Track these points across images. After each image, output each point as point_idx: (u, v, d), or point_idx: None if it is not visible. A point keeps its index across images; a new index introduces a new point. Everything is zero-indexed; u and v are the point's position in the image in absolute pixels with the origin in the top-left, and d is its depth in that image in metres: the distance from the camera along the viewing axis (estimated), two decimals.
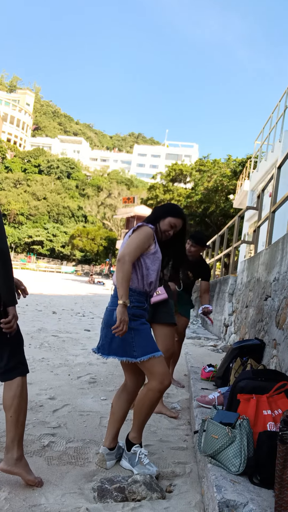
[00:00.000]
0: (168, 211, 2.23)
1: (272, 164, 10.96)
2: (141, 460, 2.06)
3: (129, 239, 2.09)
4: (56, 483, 1.88)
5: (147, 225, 2.14)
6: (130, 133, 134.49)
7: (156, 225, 2.21)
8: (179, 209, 2.28)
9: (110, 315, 2.07)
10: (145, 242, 2.08)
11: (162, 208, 2.28)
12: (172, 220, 2.22)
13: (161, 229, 2.21)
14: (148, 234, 2.10)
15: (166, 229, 2.22)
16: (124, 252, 2.02)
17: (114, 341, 2.04)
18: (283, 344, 2.84)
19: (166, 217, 2.22)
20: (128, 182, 66.01)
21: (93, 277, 31.73)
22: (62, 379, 3.65)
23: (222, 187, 24.19)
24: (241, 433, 1.81)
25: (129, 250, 2.03)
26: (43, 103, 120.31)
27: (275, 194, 4.70)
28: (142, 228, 2.11)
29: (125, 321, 1.95)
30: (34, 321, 7.12)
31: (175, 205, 2.32)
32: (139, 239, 2.07)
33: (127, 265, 2.00)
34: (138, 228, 2.13)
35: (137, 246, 2.05)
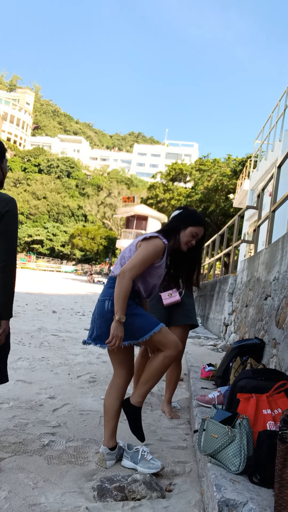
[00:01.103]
0: (188, 221, 2.15)
1: (272, 163, 10.95)
2: (145, 456, 2.07)
3: (137, 252, 2.02)
4: (56, 482, 1.88)
5: (160, 238, 2.04)
6: (130, 132, 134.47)
7: (175, 236, 2.13)
8: (199, 216, 2.20)
9: (102, 306, 2.09)
10: (152, 258, 2.01)
11: (182, 217, 2.19)
12: (193, 229, 2.15)
13: (182, 240, 2.14)
14: (158, 249, 2.02)
15: (188, 240, 2.15)
16: (126, 267, 1.97)
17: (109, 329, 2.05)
18: (283, 344, 2.84)
19: (187, 227, 2.14)
20: (128, 181, 66.01)
21: (92, 276, 31.75)
22: (62, 378, 3.65)
23: (222, 187, 24.19)
24: (241, 433, 1.82)
25: (132, 266, 1.97)
26: (43, 102, 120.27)
27: (275, 193, 4.70)
28: (153, 241, 2.03)
29: (118, 336, 1.94)
30: (34, 320, 7.13)
31: (194, 212, 2.23)
32: (146, 253, 2.00)
33: (126, 281, 1.96)
34: (149, 238, 2.05)
35: (141, 261, 1.99)
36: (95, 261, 53.60)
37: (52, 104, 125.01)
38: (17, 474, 1.91)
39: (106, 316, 2.07)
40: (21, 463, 2.01)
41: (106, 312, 2.07)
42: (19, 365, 3.89)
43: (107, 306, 2.07)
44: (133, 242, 2.15)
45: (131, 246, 2.14)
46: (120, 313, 1.95)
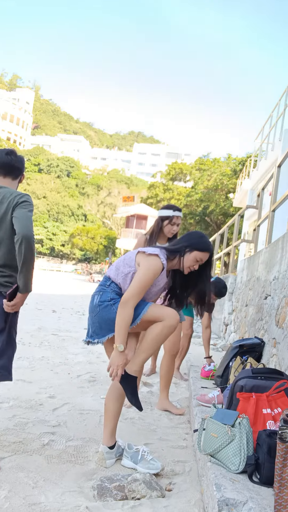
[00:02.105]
0: (195, 245, 2.10)
1: (272, 163, 10.95)
2: (145, 457, 2.07)
3: (136, 275, 2.00)
4: (56, 482, 1.88)
5: (159, 258, 2.02)
6: (130, 131, 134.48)
7: (179, 258, 2.11)
8: (206, 242, 2.15)
9: (91, 301, 2.13)
10: (151, 280, 2.00)
11: (189, 239, 2.15)
12: (198, 254, 2.10)
13: (185, 264, 2.11)
14: (156, 271, 2.01)
15: (191, 264, 2.11)
16: (127, 296, 1.95)
17: (104, 323, 2.06)
18: (283, 343, 2.84)
19: (192, 251, 2.10)
20: (128, 181, 65.99)
21: (92, 276, 31.75)
22: (62, 378, 3.65)
23: (222, 186, 24.19)
24: (240, 432, 1.82)
25: (133, 293, 1.95)
26: (43, 102, 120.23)
27: (275, 193, 4.70)
28: (152, 262, 2.00)
29: (119, 365, 1.93)
30: (34, 319, 7.12)
31: (202, 236, 2.19)
32: (145, 279, 1.98)
33: (128, 311, 1.94)
34: (149, 255, 2.03)
35: (142, 287, 1.97)
36: (95, 261, 53.59)
37: (52, 103, 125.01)
38: (17, 474, 1.91)
39: (95, 310, 2.09)
40: (21, 463, 2.01)
41: (94, 306, 2.09)
42: (19, 364, 3.89)
43: (95, 301, 2.10)
44: (131, 255, 2.13)
45: (130, 259, 2.11)
46: (120, 342, 1.94)
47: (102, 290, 2.12)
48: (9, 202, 2.06)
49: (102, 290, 2.12)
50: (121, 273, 2.10)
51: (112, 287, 2.12)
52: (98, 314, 2.07)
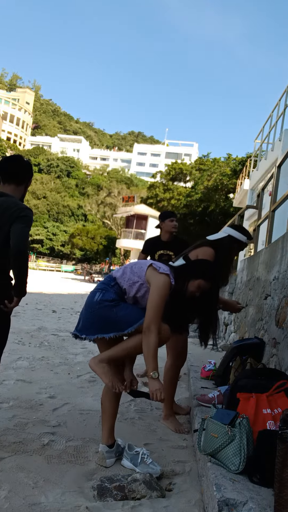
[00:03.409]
0: (202, 273, 2.12)
1: (272, 163, 10.95)
2: (144, 460, 2.06)
3: (150, 298, 1.99)
4: (56, 482, 1.88)
5: (170, 278, 2.03)
6: (130, 131, 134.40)
7: (184, 282, 2.11)
8: (212, 271, 2.16)
9: (91, 296, 2.12)
10: (164, 299, 2.01)
11: (197, 266, 2.16)
12: (203, 283, 2.11)
13: (189, 289, 2.12)
14: (167, 290, 2.02)
15: (194, 291, 2.12)
16: (148, 321, 1.95)
17: (98, 321, 2.06)
18: (283, 343, 2.84)
19: (197, 278, 2.11)
20: (128, 181, 65.96)
21: (92, 276, 31.76)
22: (62, 378, 3.65)
23: (222, 186, 24.21)
24: (240, 432, 1.82)
25: (152, 317, 1.95)
26: (43, 102, 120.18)
27: (275, 193, 4.70)
28: (163, 281, 2.01)
29: (158, 390, 1.94)
30: (34, 320, 7.12)
31: (210, 265, 2.19)
32: (159, 299, 1.98)
33: (153, 338, 1.94)
34: (159, 275, 2.02)
35: (159, 309, 1.98)
36: (95, 261, 53.57)
37: (52, 103, 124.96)
38: (17, 474, 1.91)
39: (94, 307, 2.08)
40: (21, 463, 2.01)
41: (94, 303, 2.09)
42: (19, 364, 3.89)
43: (96, 297, 2.09)
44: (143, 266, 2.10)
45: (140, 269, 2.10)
46: (152, 370, 1.94)
47: (105, 289, 2.11)
48: (10, 214, 2.08)
49: (105, 288, 2.11)
50: (128, 279, 2.10)
51: (115, 289, 2.11)
52: (96, 311, 2.07)
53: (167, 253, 3.90)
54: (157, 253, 3.92)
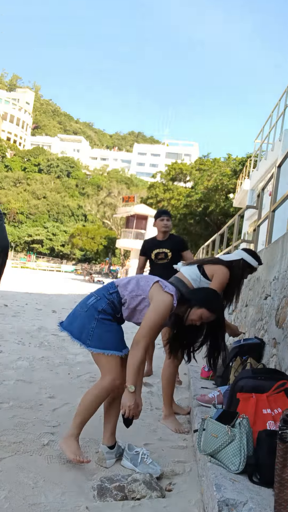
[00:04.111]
0: (206, 303, 2.06)
1: (272, 163, 10.95)
2: (144, 460, 2.06)
3: (148, 314, 1.96)
4: (56, 482, 1.88)
5: (173, 299, 1.99)
6: (130, 132, 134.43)
7: (186, 308, 2.07)
8: (218, 304, 2.12)
9: (86, 298, 2.12)
10: (163, 320, 1.98)
11: (201, 295, 2.11)
12: (205, 313, 2.06)
13: (190, 316, 2.07)
14: (167, 311, 1.97)
15: (195, 319, 2.07)
16: (139, 336, 1.93)
17: (76, 321, 2.07)
18: (283, 343, 2.84)
19: (200, 307, 2.06)
20: (128, 181, 66.00)
21: (92, 276, 31.78)
22: (62, 378, 3.65)
23: (222, 186, 24.21)
24: (240, 432, 1.82)
25: (145, 333, 1.93)
26: (43, 102, 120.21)
27: (275, 193, 4.70)
28: (165, 300, 1.96)
29: (130, 406, 1.91)
30: (34, 320, 7.12)
31: (215, 295, 2.15)
32: (157, 317, 1.94)
33: (140, 352, 1.92)
34: (164, 294, 1.98)
35: (155, 327, 1.95)
36: (95, 261, 53.58)
37: (52, 103, 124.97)
38: (17, 474, 1.91)
39: (83, 308, 2.08)
40: (21, 463, 2.01)
41: (85, 305, 2.08)
42: (19, 364, 3.89)
43: (90, 301, 2.09)
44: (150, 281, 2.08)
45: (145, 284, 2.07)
46: (130, 383, 1.92)
47: (101, 296, 2.08)
48: None
49: (101, 296, 2.09)
50: (132, 291, 2.06)
51: (113, 297, 2.07)
52: (83, 313, 2.07)
53: (163, 251, 3.96)
54: (153, 252, 3.99)
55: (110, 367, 2.01)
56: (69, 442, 2.04)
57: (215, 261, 2.91)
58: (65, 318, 2.16)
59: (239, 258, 2.92)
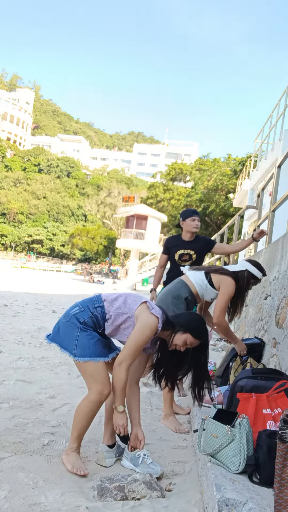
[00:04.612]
0: (190, 329, 2.04)
1: (272, 163, 10.95)
2: (144, 460, 2.06)
3: (132, 335, 1.96)
4: (56, 482, 1.88)
5: (158, 321, 1.97)
6: (130, 132, 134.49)
7: (171, 333, 2.06)
8: (202, 330, 2.08)
9: (70, 308, 2.11)
10: (146, 341, 1.97)
11: (186, 321, 2.09)
12: (190, 338, 2.04)
13: (174, 341, 2.05)
14: (152, 332, 1.96)
15: (179, 344, 2.05)
16: (122, 357, 1.94)
17: (62, 332, 2.05)
18: (283, 343, 2.84)
19: (185, 332, 2.04)
20: (128, 181, 66.00)
21: (92, 276, 31.77)
22: (62, 378, 3.65)
23: (222, 186, 24.22)
24: (240, 432, 1.82)
25: (127, 354, 1.93)
26: (43, 102, 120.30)
27: (275, 193, 4.70)
28: (150, 323, 1.95)
29: (122, 425, 1.95)
30: (34, 320, 7.12)
31: (202, 322, 2.12)
32: (141, 339, 1.94)
33: (123, 374, 1.93)
34: (149, 315, 1.97)
35: (137, 348, 1.95)
36: (95, 261, 53.58)
37: (52, 103, 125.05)
38: (17, 474, 1.91)
39: (66, 318, 2.06)
40: (21, 463, 2.01)
41: (68, 315, 2.06)
42: (19, 364, 3.89)
43: (73, 311, 2.06)
44: (137, 300, 2.06)
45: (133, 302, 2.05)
46: (118, 403, 1.95)
47: (85, 308, 2.06)
48: None
49: (85, 308, 2.06)
50: (118, 308, 2.05)
51: (97, 311, 2.05)
52: (66, 323, 2.05)
53: (188, 252, 3.70)
54: (178, 253, 3.70)
55: (96, 376, 1.98)
56: (69, 455, 2.04)
57: (222, 271, 2.91)
58: (52, 329, 2.14)
59: (243, 269, 2.92)
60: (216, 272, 2.90)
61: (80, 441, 2.08)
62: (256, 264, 2.96)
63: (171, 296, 2.90)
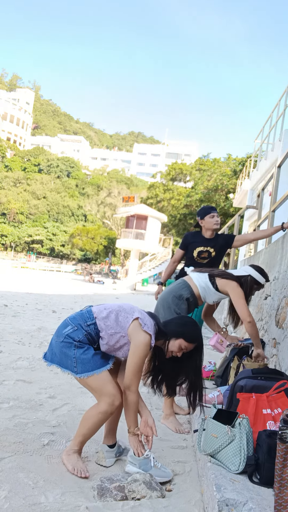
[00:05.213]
0: (182, 333, 2.06)
1: (272, 163, 10.95)
2: (155, 464, 2.02)
3: (130, 358, 1.96)
4: (56, 482, 1.88)
5: (151, 339, 1.97)
6: (130, 132, 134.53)
7: (164, 341, 2.07)
8: (196, 333, 2.10)
9: (62, 326, 2.06)
10: (144, 358, 1.98)
11: (177, 325, 2.10)
12: (184, 343, 2.05)
13: (169, 348, 2.07)
14: (146, 351, 1.97)
15: (174, 351, 2.07)
16: (128, 382, 1.95)
17: (59, 353, 2.02)
18: (283, 343, 2.84)
19: (178, 338, 2.05)
20: (128, 181, 65.97)
21: (92, 276, 31.76)
22: (62, 378, 3.65)
23: (222, 186, 24.22)
24: (240, 432, 1.82)
25: (132, 376, 1.95)
26: (43, 102, 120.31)
27: (275, 193, 4.70)
28: (143, 342, 1.95)
29: (139, 447, 1.99)
30: (34, 320, 7.12)
31: (194, 325, 2.12)
32: (139, 360, 1.95)
33: (132, 396, 1.96)
34: (142, 333, 1.96)
35: (138, 369, 1.96)
36: (95, 261, 53.57)
37: (52, 103, 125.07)
38: (17, 474, 1.91)
39: (59, 337, 2.04)
40: (21, 463, 2.01)
41: (61, 335, 2.03)
42: (19, 364, 3.89)
43: (66, 330, 2.03)
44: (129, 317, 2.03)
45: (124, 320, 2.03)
46: (133, 427, 1.99)
47: (78, 327, 2.03)
48: None
49: (78, 326, 2.03)
50: (110, 328, 2.02)
51: (90, 329, 2.03)
52: (60, 343, 2.02)
53: (207, 249, 3.59)
54: (196, 250, 3.60)
55: (103, 389, 1.97)
56: (70, 456, 2.04)
57: (226, 276, 2.90)
58: (47, 349, 2.12)
59: (246, 275, 2.91)
60: (220, 276, 2.89)
61: (83, 445, 2.08)
62: (259, 270, 2.94)
63: (172, 296, 2.90)
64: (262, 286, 2.98)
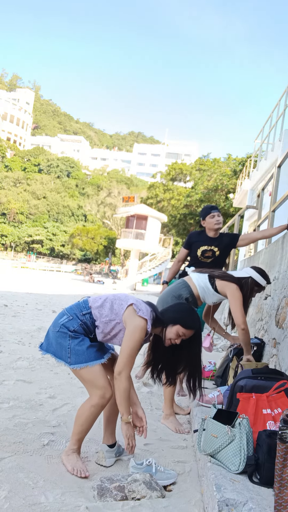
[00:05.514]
0: (179, 319, 2.03)
1: (272, 163, 10.95)
2: (158, 468, 2.01)
3: (124, 343, 1.94)
4: (56, 482, 1.88)
5: (147, 323, 1.95)
6: (130, 132, 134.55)
7: (162, 328, 2.06)
8: (193, 319, 2.07)
9: (59, 316, 2.08)
10: (139, 344, 1.96)
11: (174, 312, 2.08)
12: (181, 330, 2.03)
13: (166, 335, 2.04)
14: (142, 335, 1.95)
15: (172, 338, 2.04)
16: (120, 367, 1.93)
17: (54, 343, 2.03)
18: (283, 343, 2.85)
19: (175, 324, 2.03)
20: (128, 181, 65.96)
21: (92, 276, 31.77)
22: (62, 378, 3.65)
23: (222, 186, 24.22)
24: (240, 432, 1.82)
25: (124, 363, 1.92)
26: (43, 102, 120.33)
27: (275, 193, 4.70)
28: (139, 326, 1.94)
29: (132, 436, 1.95)
30: (33, 320, 7.12)
31: (191, 312, 2.11)
32: (134, 344, 1.93)
33: (123, 383, 1.92)
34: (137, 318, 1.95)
35: (132, 355, 1.94)
36: (95, 261, 53.57)
37: (52, 103, 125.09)
38: (17, 474, 1.91)
39: (55, 327, 2.04)
40: (21, 463, 2.01)
41: (57, 324, 2.04)
42: (19, 365, 3.89)
43: (61, 320, 2.04)
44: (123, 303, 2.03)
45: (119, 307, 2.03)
46: (126, 415, 1.95)
47: (73, 316, 2.03)
48: None
49: (73, 316, 2.04)
50: (105, 316, 2.02)
51: (85, 318, 2.03)
52: (56, 333, 2.03)
53: (211, 248, 3.60)
54: (200, 249, 3.60)
55: (95, 381, 1.97)
56: (69, 456, 2.04)
57: (226, 277, 2.89)
58: (44, 339, 2.13)
59: (247, 276, 2.89)
60: (220, 278, 2.88)
61: (80, 443, 2.08)
62: (261, 271, 2.92)
63: (172, 295, 2.90)
64: (263, 288, 2.95)
